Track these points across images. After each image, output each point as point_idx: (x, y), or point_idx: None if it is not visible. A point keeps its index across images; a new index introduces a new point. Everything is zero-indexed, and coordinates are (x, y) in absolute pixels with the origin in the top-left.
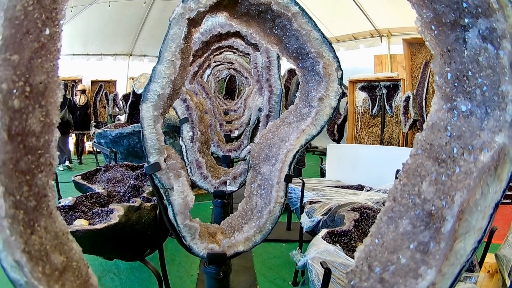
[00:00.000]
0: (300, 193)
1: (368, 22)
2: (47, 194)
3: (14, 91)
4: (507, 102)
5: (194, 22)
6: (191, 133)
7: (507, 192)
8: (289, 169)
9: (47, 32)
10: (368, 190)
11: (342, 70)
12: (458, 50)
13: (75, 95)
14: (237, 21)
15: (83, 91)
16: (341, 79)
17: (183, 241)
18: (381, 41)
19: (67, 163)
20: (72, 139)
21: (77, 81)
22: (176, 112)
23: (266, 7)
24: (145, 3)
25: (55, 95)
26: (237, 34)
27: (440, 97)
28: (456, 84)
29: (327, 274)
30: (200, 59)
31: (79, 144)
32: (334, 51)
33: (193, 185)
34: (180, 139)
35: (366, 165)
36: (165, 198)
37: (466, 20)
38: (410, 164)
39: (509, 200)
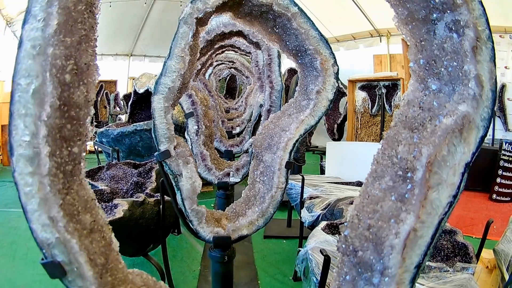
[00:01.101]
0: (300, 189)
1: (367, 22)
2: (81, 162)
3: (66, 67)
4: (469, 78)
5: (201, 22)
6: (196, 127)
7: (505, 190)
8: (290, 156)
9: (90, 23)
10: None
11: (338, 66)
12: (428, 40)
13: None
14: (241, 21)
15: None
16: (337, 73)
17: (191, 225)
18: (381, 41)
19: None
20: None
21: None
22: (182, 107)
23: (267, 8)
24: (145, 3)
25: (94, 76)
26: (239, 33)
27: (415, 80)
28: (427, 68)
29: (327, 261)
30: (204, 57)
31: None
32: (330, 48)
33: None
34: (186, 133)
35: (365, 162)
36: (174, 184)
37: (435, 15)
38: (389, 133)
39: (508, 198)
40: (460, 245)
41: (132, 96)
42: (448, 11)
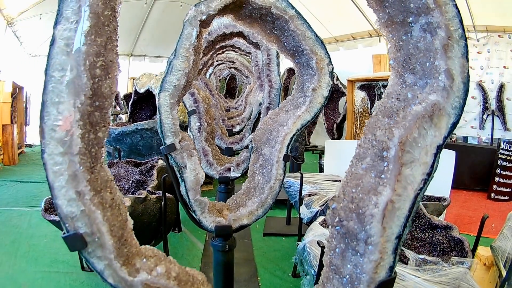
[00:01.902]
0: (299, 186)
1: (366, 22)
2: (103, 146)
3: (96, 63)
4: (440, 72)
5: (204, 24)
6: (198, 124)
7: (503, 189)
8: (287, 150)
9: (113, 25)
10: None
11: (332, 65)
12: (406, 41)
13: None
14: (241, 23)
15: None
16: (331, 72)
17: (194, 215)
18: (380, 41)
19: None
20: None
21: None
22: (185, 105)
23: (266, 11)
24: (146, 3)
25: (116, 71)
26: (240, 34)
27: (394, 75)
28: (404, 65)
29: (324, 252)
30: (205, 57)
31: None
32: (325, 48)
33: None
34: (188, 130)
35: None
36: (178, 175)
37: (411, 19)
38: (370, 121)
39: (506, 197)
40: (456, 240)
41: (132, 96)
42: (423, 15)
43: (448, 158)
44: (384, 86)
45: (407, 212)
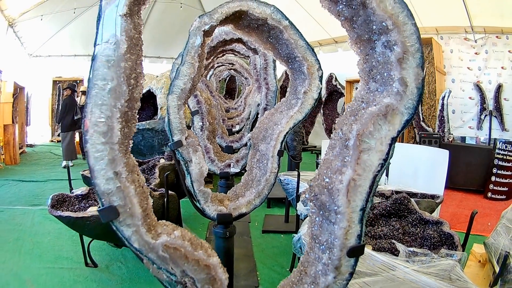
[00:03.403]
0: (296, 184)
1: None
2: (131, 139)
3: (131, 75)
4: (394, 80)
5: (207, 33)
6: (201, 123)
7: (500, 189)
8: (281, 146)
9: (140, 44)
10: None
11: (322, 70)
12: (370, 55)
13: (77, 96)
14: (240, 32)
15: (84, 92)
16: (321, 77)
17: (198, 205)
18: None
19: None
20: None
21: (78, 81)
22: (188, 106)
23: (263, 22)
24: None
25: (142, 80)
26: (239, 40)
27: (362, 83)
28: (369, 74)
29: None
30: (207, 61)
31: (82, 142)
32: (315, 55)
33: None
34: (191, 129)
35: None
36: (185, 169)
37: (375, 37)
38: (339, 119)
39: (503, 197)
40: (446, 235)
41: None
42: (383, 34)
43: (441, 157)
44: None
45: (368, 189)
